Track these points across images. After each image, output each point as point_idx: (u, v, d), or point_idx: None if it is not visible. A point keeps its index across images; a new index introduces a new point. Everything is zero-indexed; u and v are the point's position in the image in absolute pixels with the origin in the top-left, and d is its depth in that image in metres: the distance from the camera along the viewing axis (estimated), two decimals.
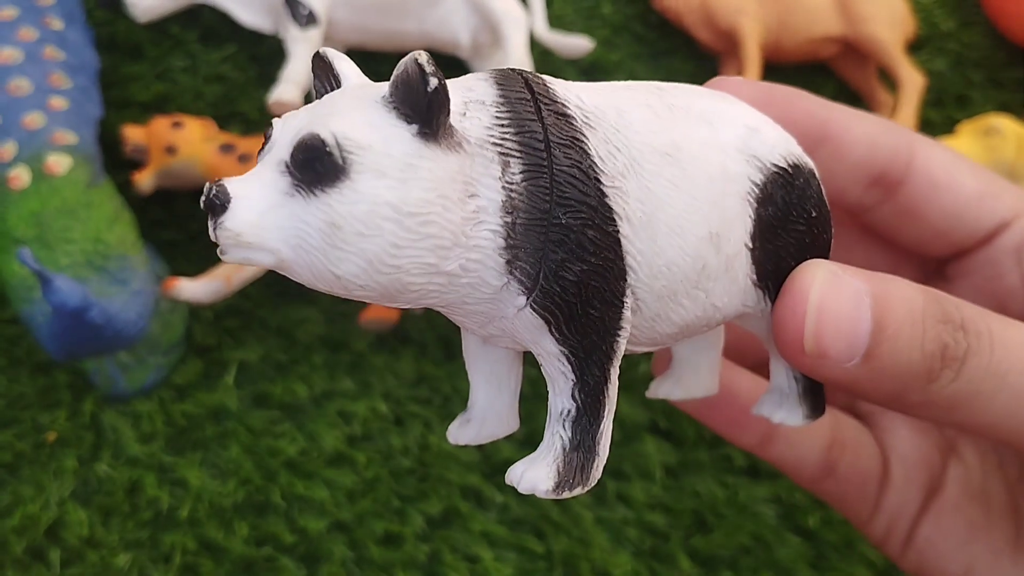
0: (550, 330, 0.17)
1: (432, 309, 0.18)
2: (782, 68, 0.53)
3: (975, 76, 0.54)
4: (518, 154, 0.16)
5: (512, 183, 0.16)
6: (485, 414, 0.21)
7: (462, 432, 0.21)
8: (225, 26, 0.48)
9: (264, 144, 0.17)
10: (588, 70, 0.52)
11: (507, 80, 0.17)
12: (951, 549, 0.22)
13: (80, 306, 0.35)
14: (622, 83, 0.19)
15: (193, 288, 0.40)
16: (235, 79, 0.48)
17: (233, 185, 0.16)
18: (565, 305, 0.17)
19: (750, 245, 0.18)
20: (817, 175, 0.20)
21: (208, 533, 0.40)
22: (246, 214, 0.16)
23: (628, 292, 0.17)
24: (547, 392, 0.19)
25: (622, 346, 0.18)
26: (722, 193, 0.18)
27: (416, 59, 0.15)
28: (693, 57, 0.53)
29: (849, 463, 0.25)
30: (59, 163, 0.40)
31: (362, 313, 0.44)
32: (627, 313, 0.18)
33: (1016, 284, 0.22)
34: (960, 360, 0.18)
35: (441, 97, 0.15)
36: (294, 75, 0.41)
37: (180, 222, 0.45)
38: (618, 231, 0.17)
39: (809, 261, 0.19)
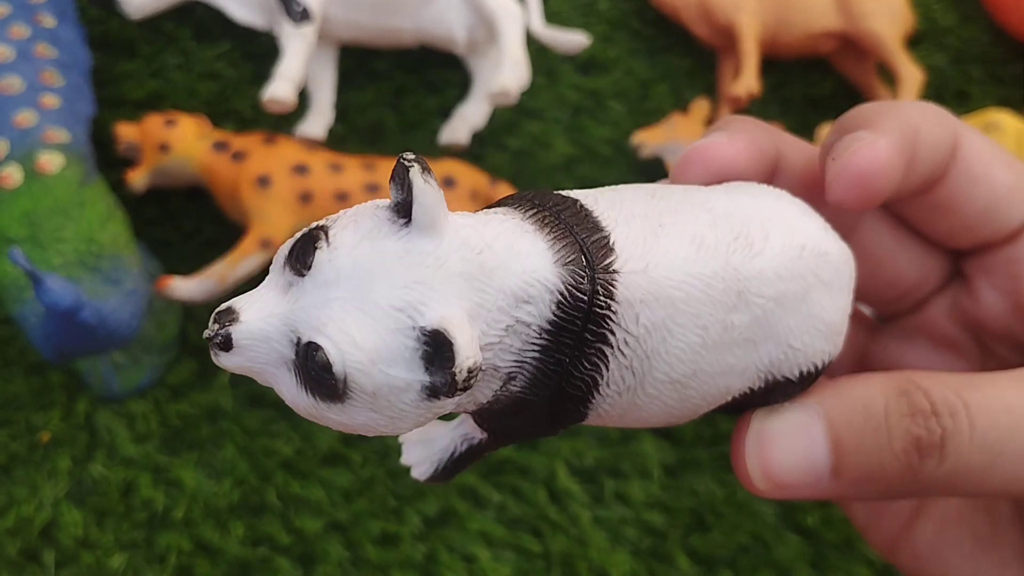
0: (487, 431, 0.18)
1: None
2: (780, 64, 0.53)
3: (975, 72, 0.54)
4: (527, 377, 0.16)
5: (506, 393, 0.16)
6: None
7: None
8: (219, 23, 0.48)
9: (303, 256, 0.16)
10: (585, 66, 0.52)
11: (576, 295, 0.16)
12: (956, 560, 0.22)
13: (73, 306, 0.35)
14: (719, 268, 0.17)
15: (187, 287, 0.40)
16: (229, 76, 0.47)
17: (239, 330, 0.16)
18: (508, 436, 0.18)
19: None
20: (827, 366, 0.19)
21: (203, 534, 0.39)
22: (241, 360, 0.16)
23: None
24: None
25: None
26: (705, 404, 0.18)
27: (469, 366, 0.15)
28: (691, 53, 0.53)
29: None
30: (51, 162, 0.39)
31: None
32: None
33: None
34: (939, 446, 0.17)
35: (468, 387, 0.15)
36: (288, 72, 0.41)
37: (174, 220, 0.45)
38: (585, 415, 0.17)
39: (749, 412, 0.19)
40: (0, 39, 0.42)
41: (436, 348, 0.15)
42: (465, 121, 0.47)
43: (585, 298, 0.16)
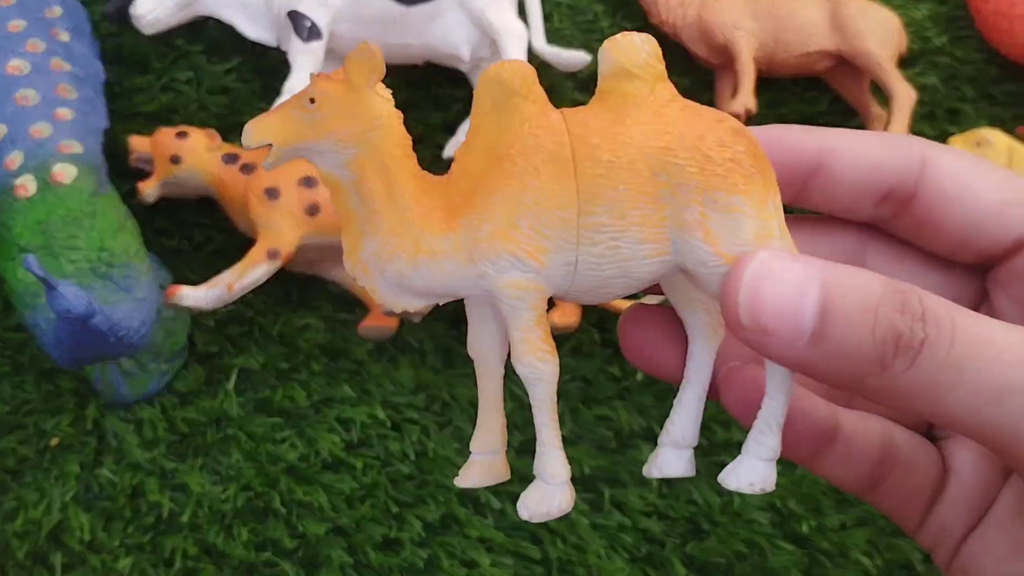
0: None
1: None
2: (777, 82, 0.54)
3: (967, 90, 0.55)
4: None
5: None
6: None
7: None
8: (229, 39, 0.49)
9: None
10: (586, 83, 0.53)
11: None
12: (994, 565, 0.22)
13: (85, 313, 0.36)
14: None
15: (196, 295, 0.41)
16: (239, 91, 0.49)
17: None
18: None
19: None
20: None
21: (209, 538, 0.40)
22: None
23: None
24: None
25: None
26: None
27: None
28: (689, 72, 0.54)
29: (897, 479, 0.24)
30: (65, 172, 0.40)
31: (361, 321, 0.44)
32: None
33: None
34: (915, 350, 0.18)
35: None
36: (297, 87, 0.42)
37: (184, 231, 0.46)
38: None
39: (758, 248, 0.19)
40: (16, 53, 0.43)
41: None
42: None
43: None
